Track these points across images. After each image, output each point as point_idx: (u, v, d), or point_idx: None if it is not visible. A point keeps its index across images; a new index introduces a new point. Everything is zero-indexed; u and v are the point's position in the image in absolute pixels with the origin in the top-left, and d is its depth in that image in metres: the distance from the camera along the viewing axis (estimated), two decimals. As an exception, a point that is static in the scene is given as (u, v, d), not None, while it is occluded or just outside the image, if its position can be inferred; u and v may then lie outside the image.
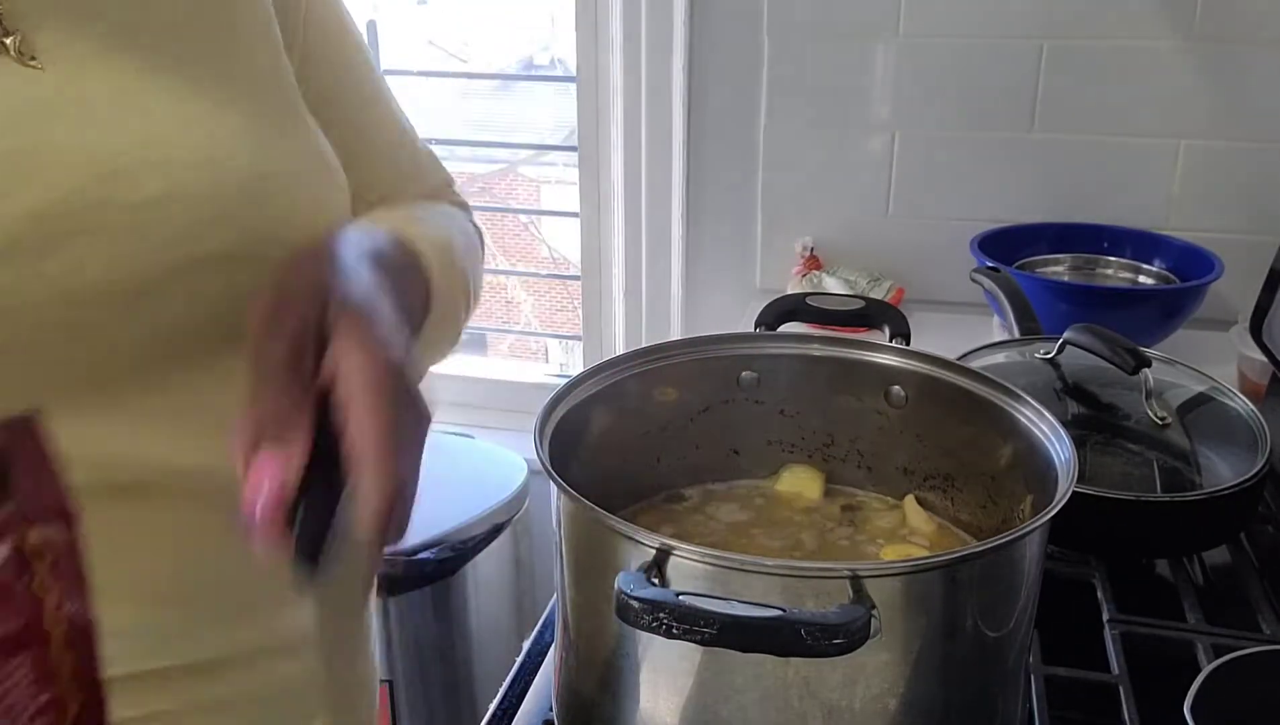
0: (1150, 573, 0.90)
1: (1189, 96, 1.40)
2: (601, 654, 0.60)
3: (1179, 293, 1.31)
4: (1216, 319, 1.33)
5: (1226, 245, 1.36)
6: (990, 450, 0.70)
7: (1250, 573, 0.86)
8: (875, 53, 1.48)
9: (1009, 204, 1.49)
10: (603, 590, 0.52)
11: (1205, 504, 0.83)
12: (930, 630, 0.54)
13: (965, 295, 1.34)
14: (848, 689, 0.54)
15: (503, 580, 1.73)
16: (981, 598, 0.56)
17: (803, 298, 0.84)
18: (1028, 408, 0.67)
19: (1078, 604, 0.81)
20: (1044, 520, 0.56)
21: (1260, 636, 0.78)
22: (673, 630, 0.48)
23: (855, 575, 0.51)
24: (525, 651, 0.82)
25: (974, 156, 1.49)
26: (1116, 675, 0.73)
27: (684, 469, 0.77)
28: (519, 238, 3.18)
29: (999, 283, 1.17)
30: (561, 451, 0.63)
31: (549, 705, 0.72)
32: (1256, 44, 1.37)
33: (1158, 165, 1.44)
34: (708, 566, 0.52)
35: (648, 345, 0.73)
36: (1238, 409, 0.92)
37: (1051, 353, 0.96)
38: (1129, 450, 0.89)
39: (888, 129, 1.51)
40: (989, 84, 1.46)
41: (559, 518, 0.61)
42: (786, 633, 0.47)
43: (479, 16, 2.58)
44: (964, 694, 0.58)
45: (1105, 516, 0.82)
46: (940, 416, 0.72)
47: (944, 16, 1.44)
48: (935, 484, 0.75)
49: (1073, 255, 1.46)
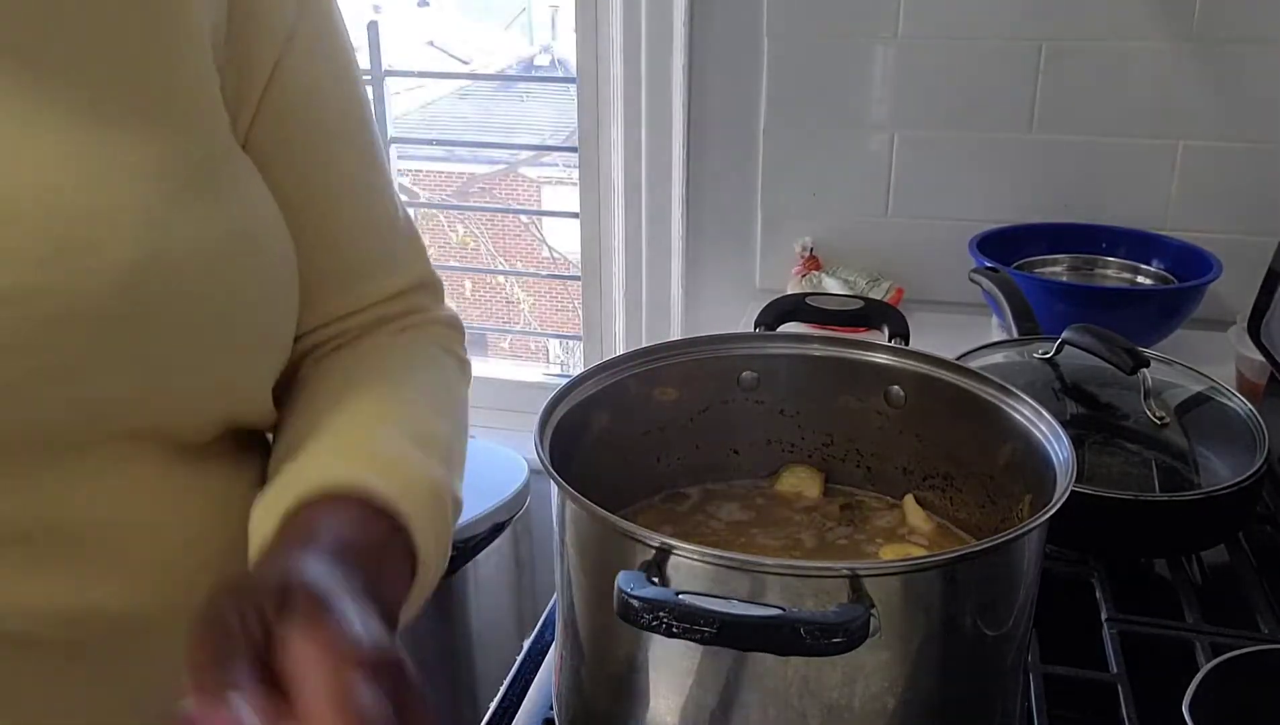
0: (1149, 572, 0.90)
1: (1188, 96, 1.41)
2: (602, 653, 0.60)
3: (1177, 293, 1.31)
4: (1215, 319, 1.33)
5: (1225, 245, 1.36)
6: (989, 450, 0.70)
7: (1248, 572, 0.86)
8: (875, 53, 1.48)
9: (1008, 204, 1.49)
10: (603, 589, 0.52)
11: (1203, 503, 0.83)
12: (929, 629, 0.55)
13: (964, 295, 1.34)
14: (847, 688, 0.54)
15: (503, 580, 1.74)
16: (980, 597, 0.56)
17: (802, 298, 0.84)
18: (1026, 407, 0.67)
19: (1076, 603, 0.82)
20: (1043, 519, 0.56)
21: (1258, 636, 0.78)
22: (673, 629, 0.48)
23: (854, 574, 0.51)
24: (525, 651, 0.82)
25: (974, 156, 1.49)
26: (1115, 674, 0.73)
27: (684, 469, 0.77)
28: (519, 238, 3.19)
29: (998, 283, 1.17)
30: (562, 451, 0.63)
31: (549, 705, 0.72)
32: (1256, 44, 1.37)
33: (1157, 165, 1.45)
34: (708, 566, 0.53)
35: (648, 345, 0.73)
36: (1236, 409, 0.92)
37: (1050, 353, 0.97)
38: (1127, 450, 0.89)
39: (887, 129, 1.51)
40: (989, 84, 1.46)
41: (559, 517, 0.61)
42: (786, 632, 0.47)
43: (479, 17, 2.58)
44: (963, 693, 0.58)
45: (1104, 516, 0.82)
46: (939, 416, 0.73)
47: (943, 17, 1.44)
48: (934, 483, 0.75)
49: (1071, 255, 1.46)
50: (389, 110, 1.91)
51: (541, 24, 2.91)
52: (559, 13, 2.36)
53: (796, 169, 1.55)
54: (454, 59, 2.79)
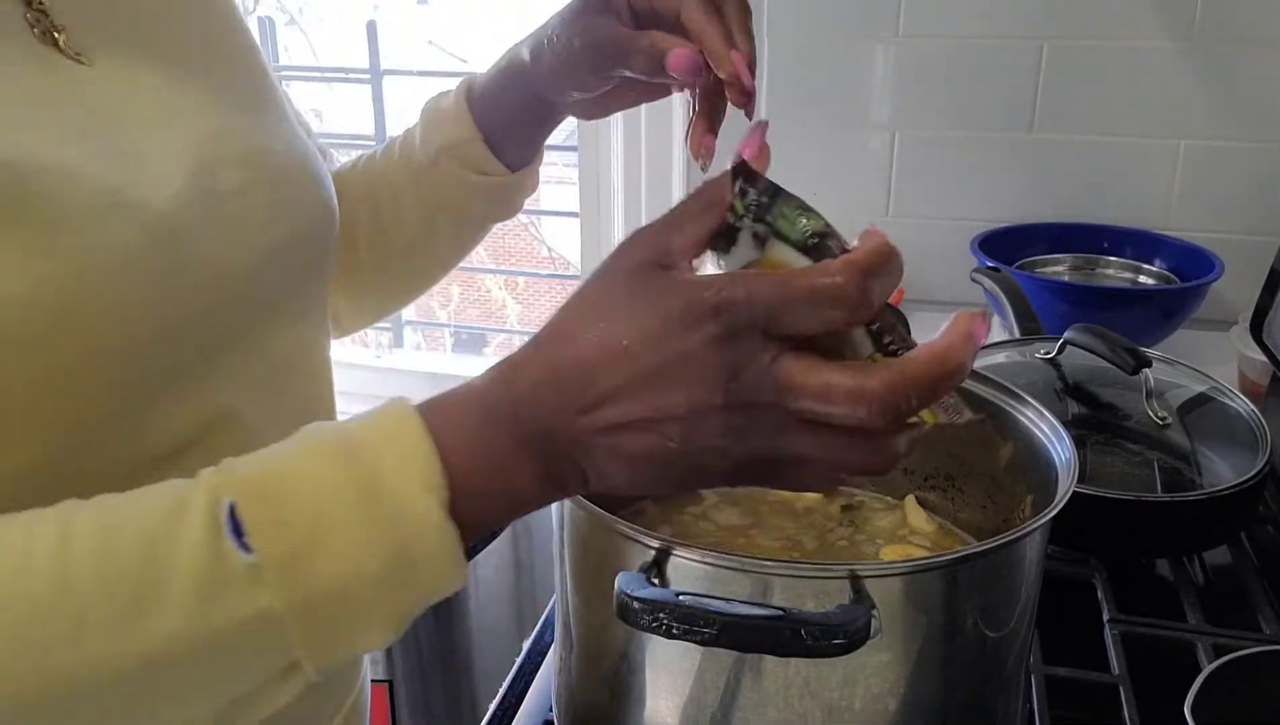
0: (1150, 573, 0.89)
1: (1189, 96, 1.40)
2: (601, 654, 0.60)
3: (1179, 293, 1.31)
4: (1216, 319, 1.32)
5: (1226, 245, 1.36)
6: (991, 450, 0.70)
7: (1250, 573, 0.86)
8: (875, 53, 1.48)
9: (1009, 204, 1.49)
10: (603, 590, 0.52)
11: (1205, 504, 0.83)
12: (930, 630, 0.54)
13: (965, 295, 1.33)
14: (848, 689, 0.54)
15: (503, 580, 1.73)
16: (982, 598, 0.56)
17: (803, 298, 0.83)
18: (1028, 408, 0.67)
19: (1078, 604, 0.81)
20: (1044, 520, 0.56)
21: (1260, 636, 0.78)
22: (673, 630, 0.48)
23: (855, 575, 0.51)
24: (525, 651, 0.82)
25: (974, 156, 1.49)
26: (1117, 675, 0.73)
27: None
28: (519, 237, 3.18)
29: (999, 283, 1.17)
30: (561, 451, 0.63)
31: (549, 705, 0.72)
32: (1256, 44, 1.37)
33: (1158, 165, 1.44)
34: (708, 566, 0.52)
35: (648, 345, 0.72)
36: (1238, 409, 0.92)
37: (1052, 353, 0.96)
38: (1129, 450, 0.89)
39: (888, 129, 1.51)
40: (989, 84, 1.46)
41: (559, 518, 0.61)
42: (787, 633, 0.47)
43: (479, 16, 2.58)
44: (964, 694, 0.58)
45: (1106, 516, 0.82)
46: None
47: (944, 16, 1.44)
48: (935, 484, 0.75)
49: (1073, 255, 1.46)
50: (388, 109, 1.91)
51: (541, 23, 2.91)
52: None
53: (796, 168, 1.55)
54: (453, 58, 2.79)
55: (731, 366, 0.39)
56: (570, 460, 0.42)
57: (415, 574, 0.40)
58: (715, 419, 0.40)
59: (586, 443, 0.41)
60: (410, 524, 0.39)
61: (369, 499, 0.39)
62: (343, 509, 0.39)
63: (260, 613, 0.38)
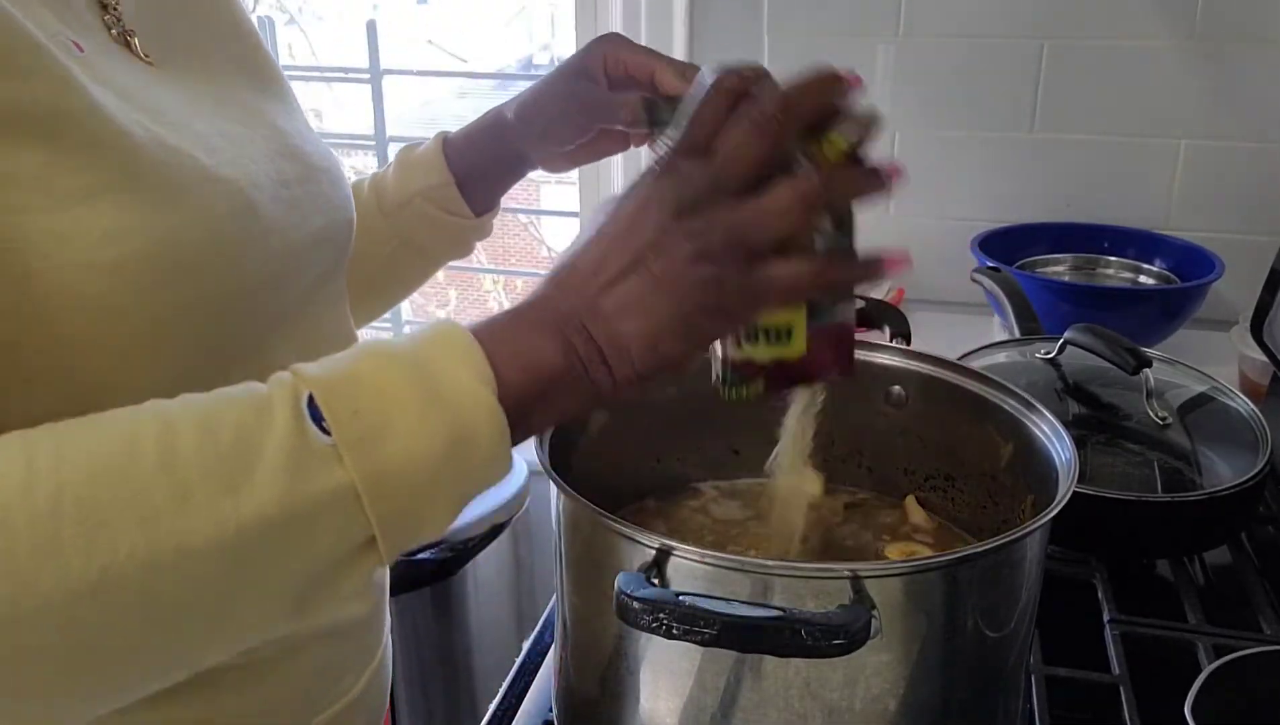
0: (1151, 573, 0.89)
1: (1189, 96, 1.40)
2: (601, 654, 0.60)
3: (1179, 293, 1.31)
4: (1217, 319, 1.32)
5: (1227, 245, 1.36)
6: (991, 450, 0.70)
7: (1251, 573, 0.86)
8: (875, 53, 1.48)
9: (1009, 204, 1.49)
10: (603, 590, 0.52)
11: (1206, 504, 0.83)
12: (931, 630, 0.54)
13: (966, 295, 1.33)
14: (848, 689, 0.54)
15: (503, 580, 1.73)
16: (982, 598, 0.56)
17: (803, 297, 0.83)
18: (1028, 408, 0.67)
19: (1078, 604, 0.81)
20: (1045, 520, 0.56)
21: (1261, 637, 0.78)
22: (673, 630, 0.47)
23: (856, 575, 0.51)
24: (525, 651, 0.82)
25: (974, 156, 1.49)
26: (1117, 675, 0.73)
27: (684, 468, 0.77)
28: (519, 238, 3.18)
29: (1000, 282, 1.17)
30: (561, 451, 0.63)
31: (549, 705, 0.72)
32: (1256, 44, 1.37)
33: (1158, 165, 1.44)
34: (708, 566, 0.52)
35: (648, 345, 0.72)
36: (1238, 409, 0.92)
37: (1052, 353, 0.96)
38: (1130, 450, 0.89)
39: (888, 128, 1.51)
40: (989, 84, 1.45)
41: (559, 518, 0.61)
42: (787, 633, 0.47)
43: (479, 16, 2.58)
44: (964, 694, 0.58)
45: (1106, 516, 0.82)
46: (941, 416, 0.72)
47: (944, 16, 1.44)
48: (936, 484, 0.75)
49: (1073, 255, 1.46)
50: (387, 108, 1.91)
51: (541, 22, 2.92)
52: (558, 11, 2.36)
53: (797, 168, 1.55)
54: (453, 57, 2.80)
55: (674, 186, 0.49)
56: (586, 335, 0.49)
57: (472, 454, 0.46)
58: (677, 229, 0.48)
59: (594, 309, 0.49)
60: (467, 411, 0.46)
61: (430, 391, 0.45)
62: (407, 400, 0.45)
63: (340, 487, 0.43)
